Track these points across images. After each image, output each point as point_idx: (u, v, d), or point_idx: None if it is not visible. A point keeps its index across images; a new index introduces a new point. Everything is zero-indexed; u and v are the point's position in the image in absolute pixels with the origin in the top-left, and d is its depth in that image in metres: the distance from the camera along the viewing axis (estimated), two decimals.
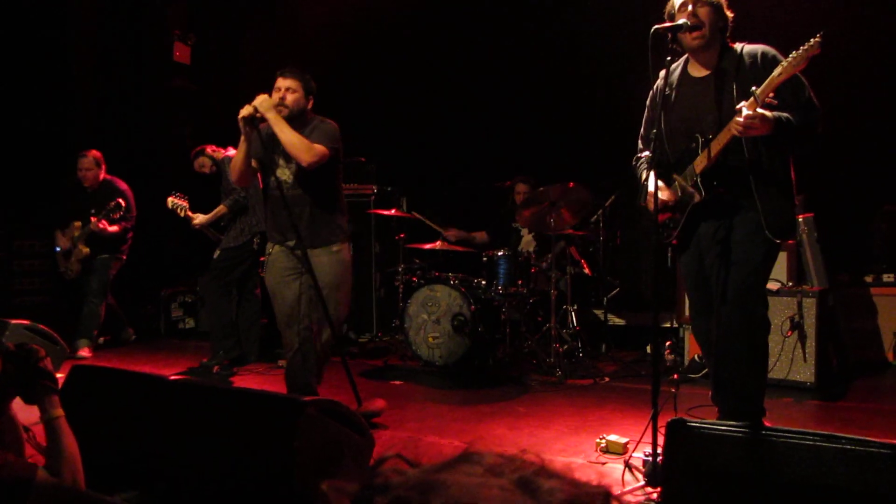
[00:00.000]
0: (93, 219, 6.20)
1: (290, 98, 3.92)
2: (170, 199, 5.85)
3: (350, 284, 4.16)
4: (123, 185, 6.55)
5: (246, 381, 5.29)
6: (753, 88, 2.81)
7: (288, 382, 4.05)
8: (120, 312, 6.83)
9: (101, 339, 6.56)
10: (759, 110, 2.81)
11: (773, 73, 2.77)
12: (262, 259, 5.80)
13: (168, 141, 8.69)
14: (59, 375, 5.19)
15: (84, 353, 6.13)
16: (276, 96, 3.91)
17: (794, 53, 2.72)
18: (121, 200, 6.20)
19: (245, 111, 3.78)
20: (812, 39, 2.66)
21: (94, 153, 6.49)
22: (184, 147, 8.54)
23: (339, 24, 8.65)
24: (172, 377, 3.00)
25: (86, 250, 6.34)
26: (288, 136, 3.79)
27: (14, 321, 5.07)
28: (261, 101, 3.80)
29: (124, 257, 6.59)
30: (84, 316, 6.32)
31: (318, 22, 8.69)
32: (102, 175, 6.51)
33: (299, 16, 8.89)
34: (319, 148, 3.85)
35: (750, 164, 2.99)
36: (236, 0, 9.21)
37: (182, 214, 5.83)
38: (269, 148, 3.93)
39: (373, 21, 8.58)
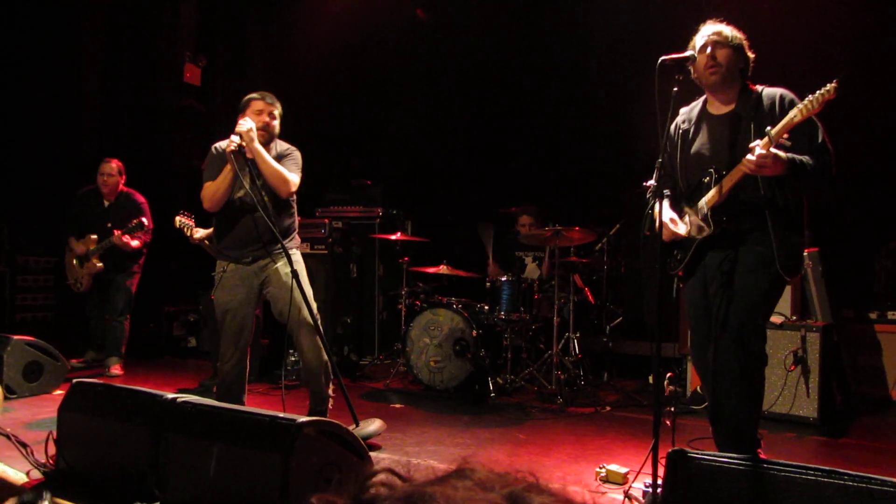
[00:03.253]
0: (116, 232, 6.06)
1: (273, 123, 4.05)
2: (178, 218, 5.82)
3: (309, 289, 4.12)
4: (141, 198, 6.45)
5: (246, 401, 5.26)
6: (768, 128, 2.84)
7: (222, 398, 3.93)
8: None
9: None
10: (773, 150, 2.83)
11: (790, 115, 2.78)
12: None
13: (176, 160, 8.75)
14: (58, 392, 5.20)
15: (116, 370, 6.11)
16: (261, 119, 3.99)
17: (810, 97, 2.74)
18: (144, 220, 6.12)
19: (234, 146, 3.83)
20: (829, 84, 2.68)
21: (117, 161, 6.44)
22: (191, 166, 8.61)
23: (346, 49, 8.73)
24: (172, 395, 2.99)
25: (99, 265, 6.21)
26: (270, 168, 3.92)
27: (16, 337, 5.09)
28: (247, 130, 3.86)
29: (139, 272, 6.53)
30: (111, 334, 6.23)
31: (326, 46, 8.77)
32: (121, 185, 6.44)
33: (306, 40, 8.98)
34: (295, 181, 4.04)
35: (765, 201, 3.01)
36: (245, 24, 9.32)
37: (188, 233, 5.81)
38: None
39: (381, 45, 8.67)
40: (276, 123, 4.08)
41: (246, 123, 3.90)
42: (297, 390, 5.53)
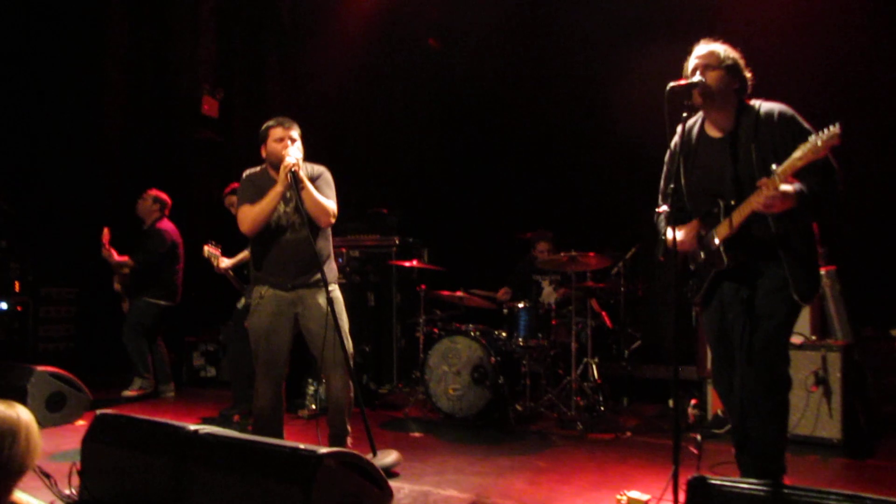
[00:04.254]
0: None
1: (300, 150, 4.00)
2: (206, 248, 5.89)
3: (346, 325, 4.08)
4: (162, 227, 6.63)
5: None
6: (774, 167, 2.82)
7: (259, 431, 3.94)
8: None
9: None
10: (781, 188, 2.83)
11: (795, 155, 2.75)
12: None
13: (195, 191, 8.87)
14: (81, 422, 5.24)
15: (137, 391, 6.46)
16: (283, 145, 3.94)
17: (813, 139, 2.71)
18: (129, 260, 6.41)
19: (292, 165, 3.77)
20: (832, 128, 2.64)
21: (155, 190, 6.75)
22: (210, 196, 8.72)
23: (361, 79, 8.87)
24: (193, 426, 3.02)
25: (116, 286, 6.54)
26: (313, 199, 3.90)
27: (40, 368, 5.15)
28: (295, 162, 3.81)
29: (162, 303, 6.60)
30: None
31: (341, 77, 8.91)
32: (155, 214, 6.67)
33: (323, 71, 9.13)
34: (335, 209, 4.03)
35: (777, 236, 3.00)
36: (263, 56, 9.48)
37: (215, 263, 5.87)
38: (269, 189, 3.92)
39: (395, 74, 8.79)
40: (302, 150, 4.04)
41: (292, 154, 3.86)
42: (314, 420, 5.53)
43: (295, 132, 4.02)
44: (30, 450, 2.18)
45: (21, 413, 2.21)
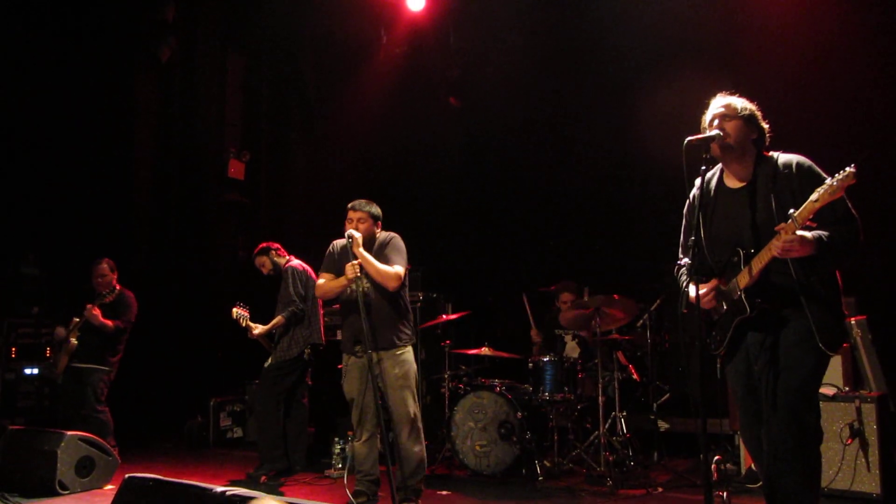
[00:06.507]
0: (88, 305, 6.04)
1: (361, 227, 4.57)
2: (235, 310, 5.93)
3: (416, 385, 4.62)
4: (130, 293, 6.38)
5: (293, 491, 5.26)
6: (791, 211, 2.84)
7: (357, 466, 4.67)
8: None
9: None
10: (799, 232, 2.84)
11: (811, 198, 2.78)
12: (309, 370, 5.95)
13: (221, 252, 9.02)
14: (109, 487, 5.27)
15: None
16: (350, 225, 4.57)
17: (829, 181, 2.74)
18: (112, 299, 6.10)
19: (353, 273, 4.38)
20: (847, 169, 2.69)
21: (108, 261, 6.40)
22: (236, 257, 8.86)
23: (383, 138, 9.06)
24: (220, 488, 3.03)
25: (73, 342, 6.11)
26: (375, 269, 4.45)
27: (70, 432, 5.19)
28: (351, 239, 4.43)
29: (112, 372, 6.26)
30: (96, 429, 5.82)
31: (364, 136, 9.11)
32: (115, 283, 6.32)
33: (345, 131, 9.34)
34: (399, 273, 4.51)
35: (798, 283, 2.99)
36: (288, 120, 9.74)
37: (244, 324, 5.91)
38: (344, 260, 4.50)
39: (417, 131, 8.95)
40: (366, 226, 4.59)
41: (352, 234, 4.46)
42: (341, 479, 5.49)
43: (359, 215, 4.62)
44: None
45: None
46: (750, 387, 3.17)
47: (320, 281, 4.75)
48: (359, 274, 4.36)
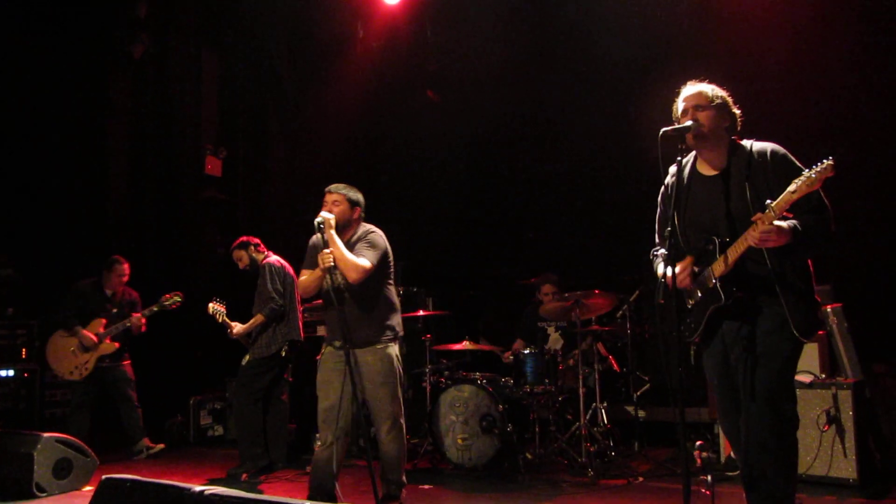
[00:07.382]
0: (135, 314, 6.48)
1: (335, 210, 4.31)
2: (211, 305, 5.90)
3: (398, 381, 4.37)
4: (135, 293, 6.82)
5: (274, 488, 5.24)
6: (769, 202, 2.86)
7: (312, 475, 4.25)
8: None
9: None
10: (776, 223, 2.86)
11: (789, 189, 2.80)
12: (289, 366, 5.91)
13: (200, 250, 8.94)
14: (88, 488, 5.20)
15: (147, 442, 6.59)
16: (324, 208, 4.31)
17: (807, 173, 2.77)
18: (154, 307, 6.52)
19: (325, 262, 4.12)
20: (826, 161, 2.72)
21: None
22: (214, 254, 8.79)
23: (362, 131, 9.03)
24: (199, 487, 2.99)
25: (116, 345, 6.50)
26: (340, 254, 4.15)
27: (46, 434, 5.13)
28: (323, 220, 4.19)
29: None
30: (135, 421, 6.61)
31: (342, 130, 9.07)
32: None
33: (323, 126, 9.29)
34: (364, 266, 4.18)
35: (773, 272, 3.01)
36: (265, 116, 9.66)
37: (220, 320, 5.86)
38: (319, 251, 4.25)
39: (395, 126, 8.92)
40: (340, 209, 4.33)
41: (323, 215, 4.22)
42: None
43: (334, 198, 4.37)
44: None
45: None
46: (726, 375, 3.19)
47: (302, 277, 4.51)
48: (331, 263, 4.11)
